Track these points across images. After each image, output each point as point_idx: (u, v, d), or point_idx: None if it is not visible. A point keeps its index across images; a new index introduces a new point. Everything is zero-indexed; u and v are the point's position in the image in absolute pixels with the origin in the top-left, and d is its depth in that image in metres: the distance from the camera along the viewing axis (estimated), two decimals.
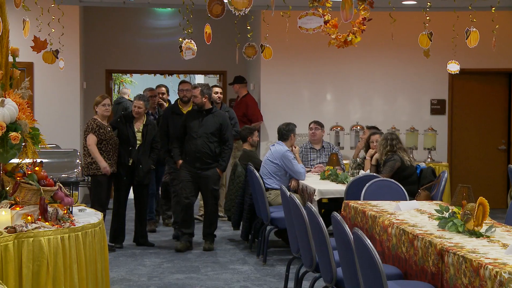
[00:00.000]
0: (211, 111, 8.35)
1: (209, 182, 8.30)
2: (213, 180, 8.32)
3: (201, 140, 8.23)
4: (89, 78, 12.41)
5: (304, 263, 5.70)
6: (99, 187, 8.11)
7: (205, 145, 8.23)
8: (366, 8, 8.08)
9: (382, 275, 4.01)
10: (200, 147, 8.23)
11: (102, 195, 8.18)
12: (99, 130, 8.13)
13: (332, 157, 9.28)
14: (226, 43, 11.90)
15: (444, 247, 4.41)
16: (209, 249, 8.35)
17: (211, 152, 8.26)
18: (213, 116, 8.32)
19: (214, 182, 8.33)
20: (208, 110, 8.34)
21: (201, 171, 8.28)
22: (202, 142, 8.22)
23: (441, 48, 10.11)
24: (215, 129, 8.27)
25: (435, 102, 11.91)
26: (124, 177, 8.36)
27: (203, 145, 8.22)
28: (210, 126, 8.26)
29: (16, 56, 4.83)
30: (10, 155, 4.61)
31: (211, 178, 8.30)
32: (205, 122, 8.27)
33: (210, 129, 8.25)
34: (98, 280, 4.95)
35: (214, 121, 8.29)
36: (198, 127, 8.27)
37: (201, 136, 8.23)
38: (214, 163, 8.29)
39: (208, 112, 8.33)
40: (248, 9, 5.52)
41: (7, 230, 4.33)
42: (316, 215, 5.12)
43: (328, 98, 11.89)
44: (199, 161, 8.26)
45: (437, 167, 10.18)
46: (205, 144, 8.22)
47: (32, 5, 7.12)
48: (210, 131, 8.24)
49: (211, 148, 8.25)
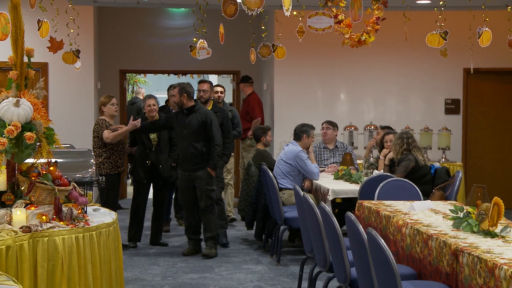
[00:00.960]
0: (193, 109, 8.04)
1: (201, 183, 8.01)
2: (204, 181, 8.01)
3: (186, 141, 7.99)
4: (103, 78, 12.45)
5: (318, 263, 5.69)
6: (111, 187, 8.13)
7: (190, 145, 7.97)
8: (380, 7, 8.06)
9: (396, 275, 4.00)
10: (186, 148, 8.01)
11: (114, 195, 8.23)
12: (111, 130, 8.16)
13: (346, 157, 9.27)
14: (240, 43, 11.91)
15: (458, 247, 4.39)
16: (208, 255, 8.01)
17: (198, 152, 7.97)
18: (196, 114, 8.01)
19: (206, 182, 8.01)
20: (190, 109, 8.03)
21: (192, 173, 8.03)
22: (187, 143, 7.98)
23: (456, 47, 10.07)
24: (199, 128, 7.97)
25: (449, 102, 11.86)
26: (144, 180, 8.40)
27: (188, 145, 7.98)
28: (193, 125, 7.98)
29: (31, 57, 4.85)
30: (25, 155, 4.64)
31: (201, 179, 7.99)
32: (189, 122, 8.00)
33: (193, 128, 7.97)
34: (112, 279, 4.97)
35: (197, 120, 8.00)
36: (182, 128, 8.04)
37: (186, 137, 8.00)
38: (203, 163, 8.00)
39: (190, 111, 8.03)
40: (260, 9, 5.52)
41: (22, 229, 4.35)
42: (330, 215, 5.12)
43: (342, 98, 11.87)
44: (188, 162, 8.03)
45: (451, 167, 10.15)
46: (190, 144, 7.97)
47: (48, 5, 7.16)
48: (193, 130, 7.97)
49: (197, 148, 7.97)
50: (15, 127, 4.53)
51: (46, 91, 5.72)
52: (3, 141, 4.51)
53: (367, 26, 8.15)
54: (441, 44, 7.73)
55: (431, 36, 7.74)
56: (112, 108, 8.31)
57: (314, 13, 7.38)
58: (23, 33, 4.76)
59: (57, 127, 5.17)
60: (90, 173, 5.75)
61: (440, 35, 7.64)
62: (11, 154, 4.59)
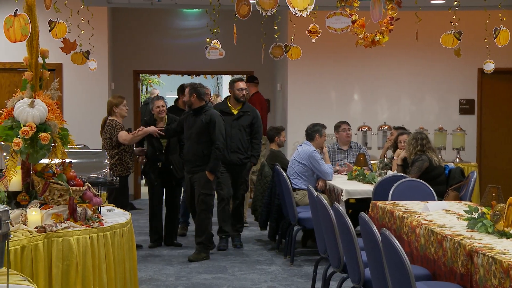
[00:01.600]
0: (201, 110, 7.90)
1: (198, 186, 7.85)
2: (200, 184, 7.83)
3: (190, 142, 7.90)
4: (117, 79, 12.50)
5: (331, 263, 5.68)
6: (122, 191, 8.08)
7: (193, 146, 7.86)
8: (393, 7, 8.04)
9: (411, 275, 3.99)
10: (188, 149, 7.93)
11: (125, 196, 8.24)
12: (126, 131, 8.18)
13: (360, 157, 9.25)
14: (253, 44, 11.91)
15: (473, 248, 4.37)
16: (194, 260, 7.77)
17: (200, 154, 7.82)
18: (202, 115, 7.87)
19: (202, 186, 7.82)
20: (198, 109, 7.91)
21: (191, 175, 7.93)
22: (191, 144, 7.89)
23: (470, 47, 10.02)
24: (203, 129, 7.82)
25: (463, 102, 11.81)
26: (155, 182, 8.42)
27: (191, 147, 7.88)
28: (197, 126, 7.86)
29: (45, 57, 4.87)
30: (40, 155, 4.65)
31: (198, 182, 7.84)
32: (194, 123, 7.89)
33: (197, 129, 7.85)
34: (127, 279, 4.98)
35: (201, 121, 7.85)
36: (189, 129, 7.96)
37: (190, 137, 7.91)
38: (202, 165, 7.81)
39: (198, 111, 7.91)
40: (274, 9, 5.52)
41: (37, 229, 4.37)
42: (344, 215, 5.11)
43: (355, 98, 11.85)
44: (189, 164, 7.94)
45: (466, 167, 10.11)
46: (193, 145, 7.86)
47: (62, 6, 7.19)
48: (197, 131, 7.85)
49: (198, 149, 7.82)
50: (30, 128, 4.55)
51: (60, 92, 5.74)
52: (18, 142, 4.53)
53: (381, 26, 8.13)
54: (455, 44, 7.70)
55: (445, 36, 7.70)
56: (124, 109, 8.29)
57: (333, 13, 7.37)
58: (38, 34, 4.78)
59: (72, 127, 5.19)
60: (104, 174, 5.76)
61: (454, 35, 7.61)
62: (26, 154, 4.62)
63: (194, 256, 7.85)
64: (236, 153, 8.50)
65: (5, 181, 4.72)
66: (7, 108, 4.74)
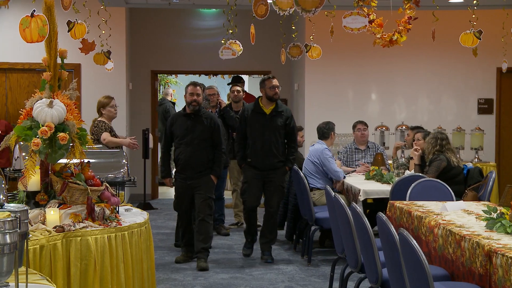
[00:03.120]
0: (199, 113, 7.59)
1: (202, 191, 7.51)
2: (206, 188, 7.53)
3: (192, 147, 7.50)
4: (134, 79, 12.54)
5: (349, 263, 5.67)
6: None
7: (196, 152, 7.52)
8: (411, 7, 8.00)
9: (429, 276, 3.97)
10: (191, 154, 7.51)
11: None
12: (110, 133, 7.76)
13: (377, 157, 9.22)
14: (270, 43, 11.92)
15: (492, 248, 4.34)
16: (205, 269, 7.40)
17: (204, 159, 7.54)
18: (203, 119, 7.60)
19: (208, 190, 7.55)
20: (196, 112, 7.58)
21: (192, 181, 7.54)
22: (193, 149, 7.50)
23: (489, 46, 9.96)
24: (208, 134, 7.58)
25: (482, 102, 11.74)
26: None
27: (193, 152, 7.51)
28: (200, 131, 7.54)
29: (64, 58, 4.89)
30: (58, 155, 4.68)
31: (204, 187, 7.50)
32: (194, 127, 7.54)
33: (201, 134, 7.56)
34: (144, 279, 5.00)
35: (204, 125, 7.59)
36: (187, 133, 7.57)
37: (192, 143, 7.53)
38: (207, 170, 7.54)
39: (196, 114, 7.58)
40: (292, 9, 5.51)
41: (56, 229, 4.40)
42: (361, 215, 5.10)
43: (373, 98, 11.81)
44: (190, 170, 7.52)
45: (484, 167, 10.05)
46: (196, 151, 7.52)
47: (80, 7, 7.23)
48: (201, 136, 7.55)
49: (202, 155, 7.53)
50: (49, 128, 4.57)
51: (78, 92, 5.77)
52: (37, 142, 4.56)
53: (398, 25, 8.09)
54: (475, 43, 7.64)
55: (464, 35, 7.65)
56: (112, 110, 7.88)
57: (349, 13, 7.34)
58: (56, 34, 4.80)
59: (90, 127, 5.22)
60: (122, 173, 5.78)
61: (474, 34, 7.56)
62: (44, 154, 4.64)
63: (205, 264, 7.47)
64: (270, 157, 7.86)
65: (24, 181, 4.76)
66: (26, 108, 4.77)
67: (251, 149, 7.90)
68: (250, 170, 7.91)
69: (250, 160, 7.89)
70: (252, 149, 7.88)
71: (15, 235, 2.89)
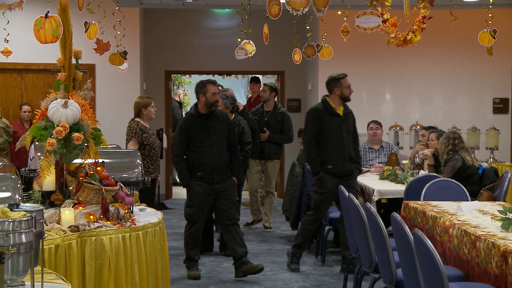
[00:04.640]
0: (213, 113, 7.16)
1: (229, 195, 7.16)
2: (233, 192, 7.21)
3: (218, 149, 7.12)
4: (148, 79, 12.58)
5: (363, 263, 5.65)
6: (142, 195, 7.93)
7: (221, 154, 7.17)
8: (426, 6, 7.97)
9: (444, 276, 3.95)
10: (218, 156, 7.13)
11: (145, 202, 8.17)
12: (142, 135, 7.72)
13: (391, 157, 9.19)
14: (284, 43, 11.91)
15: (507, 249, 4.31)
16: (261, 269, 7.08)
17: (227, 161, 7.19)
18: (220, 118, 7.24)
19: (235, 194, 7.24)
20: (212, 112, 7.15)
21: (218, 185, 7.15)
22: (218, 150, 7.12)
23: (504, 46, 9.91)
24: (227, 134, 7.25)
25: (497, 101, 11.68)
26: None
27: (219, 154, 7.15)
28: (221, 131, 7.15)
29: (79, 58, 4.92)
30: (73, 155, 4.70)
31: (230, 191, 7.17)
32: (214, 127, 7.12)
33: (223, 134, 7.18)
34: (158, 279, 5.01)
35: (223, 124, 7.23)
36: (210, 134, 7.12)
37: (218, 143, 7.15)
38: (229, 172, 7.20)
39: (211, 115, 7.15)
40: (306, 9, 5.51)
41: (71, 229, 4.41)
42: (375, 215, 5.08)
43: (387, 98, 11.78)
44: (218, 173, 7.14)
45: (499, 167, 9.99)
46: (221, 152, 7.16)
47: (95, 7, 7.26)
48: (223, 136, 7.18)
49: (226, 156, 7.18)
50: (64, 128, 4.60)
51: (93, 92, 5.79)
52: (52, 142, 4.58)
53: (413, 25, 8.07)
54: (491, 42, 7.61)
55: (482, 34, 7.62)
56: (152, 110, 7.89)
57: (362, 13, 7.33)
58: (71, 35, 4.83)
59: (104, 127, 5.24)
60: (137, 173, 5.80)
61: (490, 33, 7.53)
62: (59, 154, 4.67)
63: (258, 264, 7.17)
64: (349, 162, 7.28)
65: (39, 181, 4.79)
66: (41, 108, 4.80)
67: (329, 155, 7.20)
68: (330, 178, 7.19)
69: (331, 167, 7.19)
70: (331, 154, 7.20)
71: (31, 234, 2.91)
